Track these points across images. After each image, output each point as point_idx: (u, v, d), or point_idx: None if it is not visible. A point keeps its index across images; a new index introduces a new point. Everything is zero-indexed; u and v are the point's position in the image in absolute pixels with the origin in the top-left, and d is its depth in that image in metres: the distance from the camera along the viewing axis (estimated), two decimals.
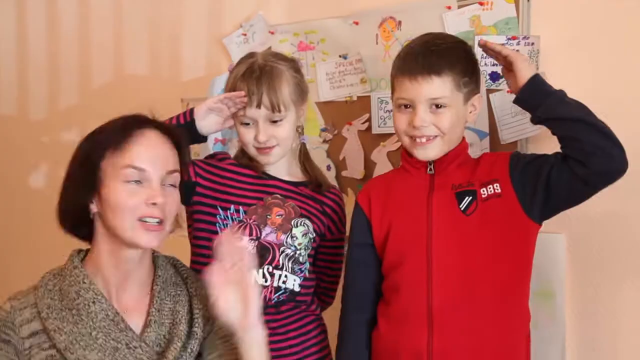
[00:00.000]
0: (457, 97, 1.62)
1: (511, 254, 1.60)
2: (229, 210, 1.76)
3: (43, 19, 3.12)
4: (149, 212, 1.38)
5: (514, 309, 1.62)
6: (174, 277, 1.51)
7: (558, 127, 1.55)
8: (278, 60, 1.78)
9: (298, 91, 1.77)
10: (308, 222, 1.79)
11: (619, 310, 1.82)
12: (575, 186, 1.53)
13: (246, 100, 1.71)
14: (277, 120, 1.74)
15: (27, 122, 3.20)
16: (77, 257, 1.45)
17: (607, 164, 1.49)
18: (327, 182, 1.90)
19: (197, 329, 1.44)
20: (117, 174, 1.38)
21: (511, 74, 1.63)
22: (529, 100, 1.58)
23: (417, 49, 1.64)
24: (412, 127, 1.61)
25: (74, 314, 1.37)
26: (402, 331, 1.63)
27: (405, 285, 1.64)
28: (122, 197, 1.37)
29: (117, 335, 1.37)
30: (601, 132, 1.49)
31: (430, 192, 1.66)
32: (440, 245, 1.61)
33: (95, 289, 1.39)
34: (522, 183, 1.59)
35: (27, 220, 3.20)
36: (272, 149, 1.75)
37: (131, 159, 1.38)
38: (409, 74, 1.61)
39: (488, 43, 1.65)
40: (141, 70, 2.80)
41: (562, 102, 1.54)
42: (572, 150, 1.51)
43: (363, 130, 2.20)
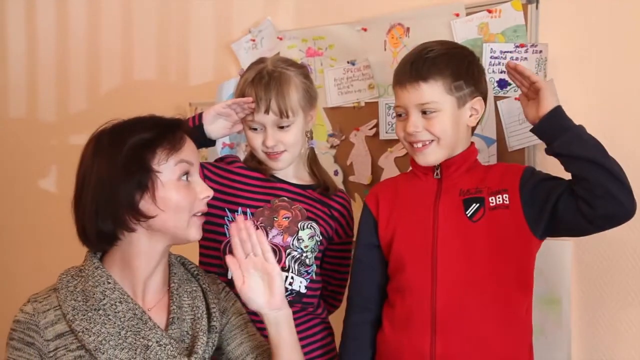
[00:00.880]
0: (449, 101, 1.62)
1: (512, 264, 1.61)
2: (236, 213, 1.78)
3: (53, 25, 3.14)
4: (202, 207, 1.46)
5: (515, 318, 1.62)
6: (186, 274, 1.54)
7: (571, 164, 1.54)
8: (287, 66, 1.79)
9: (307, 97, 1.79)
10: (315, 225, 1.80)
11: (624, 317, 1.82)
12: (579, 222, 1.52)
13: (254, 106, 1.73)
14: (285, 126, 1.75)
15: (37, 125, 3.22)
16: (95, 257, 1.45)
17: (613, 208, 1.48)
18: (334, 185, 1.90)
19: (216, 322, 1.48)
20: (173, 170, 1.40)
21: (531, 102, 1.62)
22: (547, 132, 1.57)
23: (409, 58, 1.68)
24: (407, 133, 1.64)
25: (101, 315, 1.37)
26: (405, 334, 1.64)
27: (410, 288, 1.65)
28: (183, 196, 1.41)
29: (146, 334, 1.38)
30: (613, 176, 1.48)
31: (437, 197, 1.67)
32: (445, 250, 1.62)
33: (120, 288, 1.41)
34: (530, 199, 1.59)
35: (35, 222, 3.21)
36: (281, 155, 1.76)
37: (185, 154, 1.42)
38: (399, 83, 1.65)
39: (519, 66, 1.63)
40: (150, 75, 2.82)
41: (579, 139, 1.52)
42: (581, 189, 1.50)
43: (370, 136, 2.21)
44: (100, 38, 2.97)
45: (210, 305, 1.49)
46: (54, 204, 3.04)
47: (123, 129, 1.41)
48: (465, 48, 1.73)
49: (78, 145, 1.47)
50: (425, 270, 1.63)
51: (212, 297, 1.51)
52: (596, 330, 1.86)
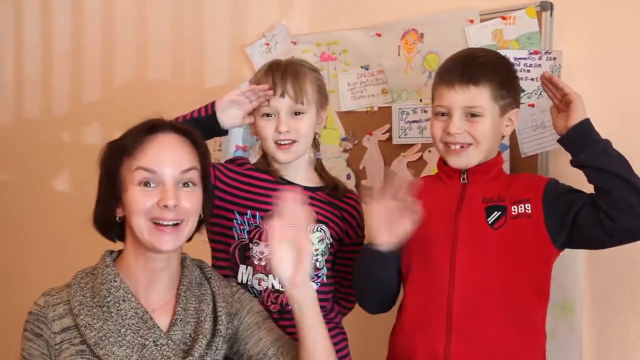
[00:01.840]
0: (493, 108, 1.64)
1: (531, 273, 1.62)
2: (245, 215, 1.78)
3: (67, 26, 3.16)
4: (161, 214, 1.42)
5: (530, 327, 1.63)
6: (199, 278, 1.55)
7: (595, 176, 1.56)
8: (302, 62, 1.84)
9: (320, 93, 1.81)
10: (325, 227, 1.81)
11: (636, 324, 1.82)
12: (598, 234, 1.54)
13: (270, 94, 1.74)
14: (299, 113, 1.76)
15: (50, 124, 3.24)
16: (109, 257, 1.49)
17: (634, 223, 1.50)
18: (344, 186, 1.91)
19: (221, 326, 1.48)
20: (132, 177, 1.43)
21: (561, 114, 1.64)
22: (574, 143, 1.60)
23: (458, 59, 1.68)
24: (447, 134, 1.64)
25: (105, 311, 1.41)
26: (420, 336, 1.65)
27: (427, 291, 1.66)
28: (136, 199, 1.42)
29: (144, 333, 1.40)
30: (636, 190, 1.50)
31: (461, 202, 1.68)
32: (464, 255, 1.63)
33: (125, 287, 1.43)
34: (552, 210, 1.61)
35: (51, 222, 3.23)
36: (292, 145, 1.76)
37: (141, 162, 1.43)
38: (447, 82, 1.64)
39: (554, 78, 1.66)
40: (164, 77, 2.83)
41: (605, 152, 1.55)
42: (603, 202, 1.52)
43: (383, 141, 2.22)
44: (115, 39, 2.99)
45: (218, 309, 1.50)
46: (69, 203, 3.08)
47: (120, 136, 1.50)
48: (508, 59, 1.75)
49: (91, 145, 1.50)
50: (443, 274, 1.64)
51: (221, 301, 1.51)
52: (608, 337, 1.86)
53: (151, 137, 1.45)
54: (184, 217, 1.45)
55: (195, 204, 1.47)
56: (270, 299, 1.75)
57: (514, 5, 1.96)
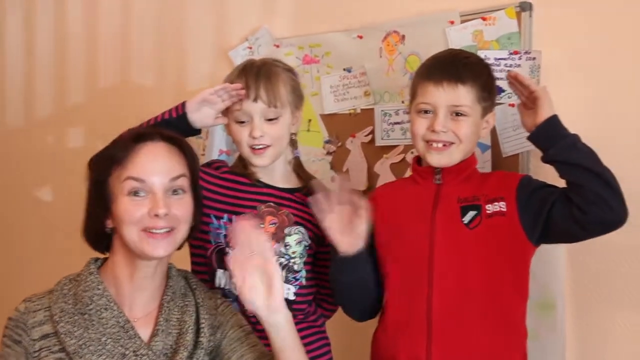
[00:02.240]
0: (477, 109, 1.65)
1: (508, 271, 1.63)
2: (222, 219, 1.77)
3: (51, 32, 3.15)
4: (152, 224, 1.41)
5: (509, 324, 1.64)
6: (184, 289, 1.53)
7: (565, 171, 1.57)
8: (276, 62, 1.82)
9: (294, 94, 1.79)
10: (303, 229, 1.79)
11: (619, 321, 1.83)
12: (572, 227, 1.55)
13: (242, 93, 1.72)
14: (272, 118, 1.74)
15: (34, 130, 3.23)
16: (94, 264, 1.48)
17: (606, 214, 1.51)
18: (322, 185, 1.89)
19: (203, 338, 1.46)
20: (121, 187, 1.42)
21: (529, 111, 1.65)
22: (543, 139, 1.61)
23: (445, 58, 1.69)
24: (431, 131, 1.64)
25: (86, 319, 1.39)
26: (401, 340, 1.65)
27: (406, 294, 1.66)
28: (126, 210, 1.41)
29: (125, 342, 1.39)
30: (606, 183, 1.51)
31: (435, 203, 1.68)
32: (442, 256, 1.63)
33: (108, 296, 1.42)
34: (526, 207, 1.61)
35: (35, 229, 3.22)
36: (266, 150, 1.75)
37: (130, 172, 1.41)
38: (434, 79, 1.64)
39: (519, 76, 1.67)
40: (147, 81, 2.83)
41: (574, 147, 1.56)
42: (575, 196, 1.53)
43: (366, 143, 2.23)
44: (98, 44, 2.99)
45: (201, 321, 1.48)
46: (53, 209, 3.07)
47: (106, 146, 1.49)
48: (488, 63, 1.76)
49: (74, 150, 1.50)
50: (421, 276, 1.64)
51: (204, 313, 1.50)
52: (590, 334, 1.87)
53: (139, 146, 1.44)
54: (175, 224, 1.44)
55: (186, 211, 1.46)
56: None
57: (493, 6, 1.98)
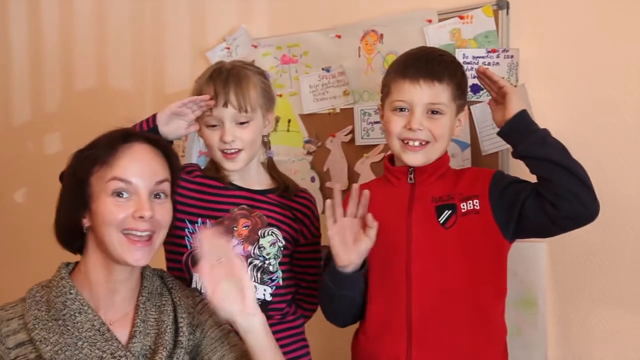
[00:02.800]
0: (452, 107, 1.64)
1: (486, 269, 1.62)
2: (196, 224, 1.76)
3: (26, 34, 3.12)
4: (135, 225, 1.40)
5: (489, 321, 1.63)
6: (160, 288, 1.52)
7: (535, 166, 1.56)
8: (245, 65, 1.80)
9: (265, 96, 1.78)
10: (276, 230, 1.78)
11: (598, 316, 1.85)
12: (544, 222, 1.54)
13: (212, 104, 1.71)
14: (244, 122, 1.73)
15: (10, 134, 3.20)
16: (65, 269, 1.46)
17: (576, 209, 1.50)
18: (295, 185, 1.88)
19: (183, 337, 1.45)
20: (104, 187, 1.40)
21: (499, 107, 1.64)
22: (511, 135, 1.60)
23: (421, 55, 1.67)
24: (408, 129, 1.62)
25: (60, 325, 1.37)
26: (382, 342, 1.64)
27: (385, 296, 1.65)
28: (109, 210, 1.39)
29: (102, 345, 1.37)
30: (576, 177, 1.50)
31: (410, 204, 1.67)
32: (420, 257, 1.63)
33: (81, 299, 1.40)
34: (499, 203, 1.61)
35: (11, 235, 3.19)
36: (238, 154, 1.74)
37: (117, 172, 1.40)
38: (410, 77, 1.62)
39: (487, 71, 1.66)
40: (125, 84, 2.81)
41: (543, 142, 1.55)
42: (545, 191, 1.52)
43: (346, 142, 2.22)
44: (75, 46, 2.96)
45: (179, 320, 1.47)
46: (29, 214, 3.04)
47: (90, 143, 1.46)
48: (458, 60, 1.75)
49: (52, 155, 1.48)
50: (399, 278, 1.63)
51: (182, 312, 1.48)
52: (571, 330, 1.88)
53: (125, 147, 1.43)
54: (156, 229, 1.43)
55: (167, 216, 1.46)
56: None
57: (471, 4, 1.99)
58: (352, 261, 1.61)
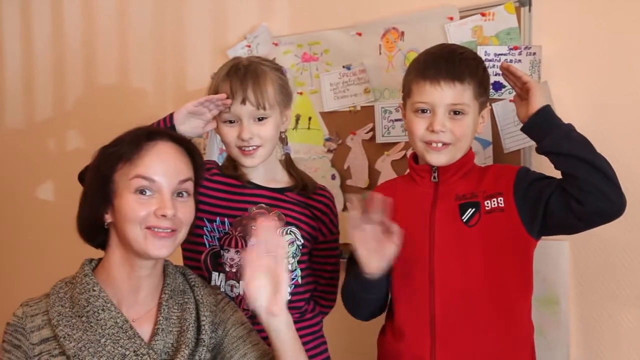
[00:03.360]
0: (474, 106, 1.63)
1: (511, 267, 1.61)
2: (215, 223, 1.76)
3: (51, 31, 3.15)
4: (157, 223, 1.41)
5: (515, 321, 1.62)
6: (182, 285, 1.53)
7: (559, 161, 1.55)
8: (263, 61, 1.79)
9: (283, 92, 1.77)
10: (295, 229, 1.78)
11: (622, 315, 1.83)
12: (569, 219, 1.53)
13: (229, 103, 1.70)
14: (262, 119, 1.72)
15: (33, 132, 3.23)
16: (88, 265, 1.47)
17: (602, 205, 1.48)
18: (313, 182, 1.87)
19: (205, 335, 1.45)
20: (128, 185, 1.41)
21: (523, 102, 1.63)
22: (535, 130, 1.58)
23: (440, 54, 1.65)
24: (430, 131, 1.61)
25: (84, 321, 1.39)
26: (405, 342, 1.64)
27: (408, 294, 1.65)
28: (132, 208, 1.40)
29: (124, 343, 1.38)
30: (601, 173, 1.49)
31: (434, 202, 1.66)
32: (442, 256, 1.62)
33: (105, 296, 1.41)
34: (524, 200, 1.59)
35: (35, 230, 3.22)
36: (256, 150, 1.73)
37: (141, 170, 1.41)
38: (431, 78, 1.60)
39: (511, 67, 1.65)
40: (146, 82, 2.82)
41: (567, 137, 1.54)
42: (570, 187, 1.51)
43: (367, 140, 2.22)
44: (97, 45, 2.98)
45: (201, 318, 1.47)
46: (53, 211, 3.06)
47: (115, 139, 1.47)
48: (480, 57, 1.73)
49: (73, 152, 1.48)
50: (422, 277, 1.63)
51: (205, 310, 1.49)
52: (594, 329, 1.87)
53: (150, 145, 1.43)
54: (178, 227, 1.44)
55: (189, 214, 1.47)
56: (242, 306, 1.72)
57: (492, 1, 1.98)
58: (380, 268, 1.60)
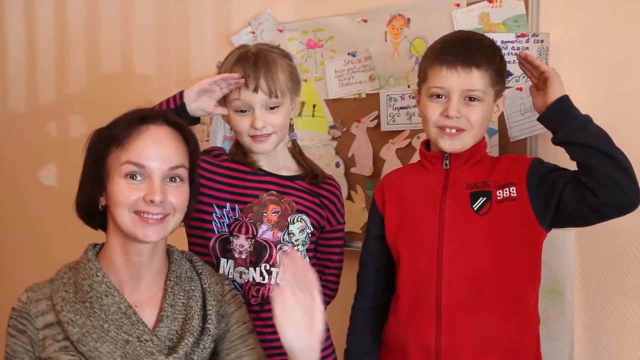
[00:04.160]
0: (490, 93, 1.62)
1: (520, 257, 1.61)
2: (224, 209, 1.76)
3: (52, 18, 3.13)
4: (146, 208, 1.40)
5: (522, 311, 1.62)
6: (189, 272, 1.52)
7: (576, 152, 1.54)
8: (271, 49, 1.79)
9: (293, 80, 1.77)
10: (305, 217, 1.78)
11: (627, 307, 1.82)
12: (584, 211, 1.52)
13: (242, 82, 1.70)
14: (274, 107, 1.73)
15: (36, 117, 3.22)
16: (92, 250, 1.47)
17: (617, 197, 1.47)
18: (322, 172, 1.88)
19: (210, 325, 1.45)
20: (119, 169, 1.40)
21: (540, 92, 1.62)
22: (552, 120, 1.57)
23: (458, 40, 1.64)
24: (445, 116, 1.60)
25: (87, 307, 1.39)
26: (411, 327, 1.64)
27: (415, 282, 1.65)
28: (122, 192, 1.40)
29: (128, 329, 1.38)
30: (617, 165, 1.48)
31: (445, 190, 1.66)
32: (451, 244, 1.62)
33: (108, 282, 1.41)
34: (537, 191, 1.58)
35: (37, 216, 3.21)
36: (269, 137, 1.74)
37: (131, 155, 1.40)
38: (447, 63, 1.59)
39: (529, 57, 1.64)
40: (150, 68, 2.81)
41: (584, 127, 1.53)
42: (586, 178, 1.50)
43: (372, 128, 2.20)
44: (100, 31, 2.97)
45: (207, 307, 1.47)
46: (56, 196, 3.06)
47: (110, 123, 1.46)
48: (497, 44, 1.72)
49: (76, 138, 1.48)
50: (430, 264, 1.62)
51: (211, 299, 1.48)
52: (599, 320, 1.86)
53: (142, 129, 1.42)
54: (170, 211, 1.43)
55: (182, 199, 1.45)
56: (251, 292, 1.74)
57: None
58: None
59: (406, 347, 1.64)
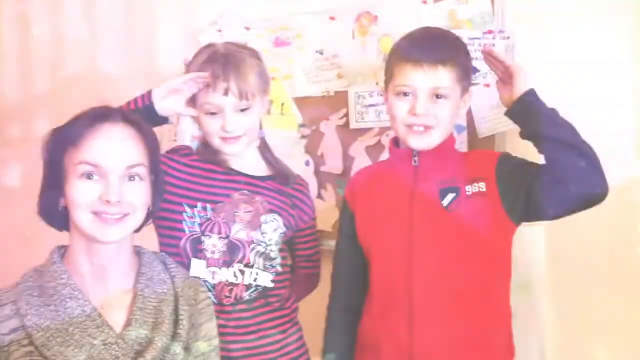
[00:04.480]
0: (457, 90, 1.62)
1: (490, 252, 1.61)
2: (195, 208, 1.73)
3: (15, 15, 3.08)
4: (104, 208, 1.37)
5: (493, 307, 1.62)
6: (162, 274, 1.49)
7: (543, 146, 1.54)
8: (240, 48, 1.77)
9: (263, 79, 1.75)
10: (278, 217, 1.77)
11: (596, 301, 1.84)
12: (552, 204, 1.52)
13: (209, 81, 1.67)
14: (245, 109, 1.70)
15: None
16: (57, 253, 1.44)
17: (585, 189, 1.48)
18: (293, 173, 1.87)
19: (182, 330, 1.42)
20: (74, 169, 1.37)
21: (506, 87, 1.63)
22: (520, 115, 1.58)
23: (423, 37, 1.64)
24: (412, 115, 1.60)
25: (52, 310, 1.35)
26: (384, 324, 1.64)
27: (387, 278, 1.64)
28: (79, 193, 1.37)
29: (93, 332, 1.35)
30: (584, 157, 1.48)
31: (414, 186, 1.65)
32: (421, 240, 1.61)
33: (72, 284, 1.38)
34: (506, 186, 1.59)
35: None
36: (239, 139, 1.72)
37: (85, 155, 1.37)
38: (413, 61, 1.59)
39: (493, 52, 1.64)
40: (117, 67, 2.77)
41: (551, 121, 1.53)
42: (554, 171, 1.50)
43: (341, 125, 2.20)
44: (65, 29, 2.92)
45: (179, 311, 1.44)
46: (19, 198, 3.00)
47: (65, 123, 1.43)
48: (462, 39, 1.72)
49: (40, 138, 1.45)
50: (401, 261, 1.62)
51: (184, 303, 1.45)
52: (569, 315, 1.88)
53: (97, 128, 1.38)
54: (130, 210, 1.40)
55: (141, 197, 1.42)
56: (224, 292, 1.71)
57: None
58: None
59: (379, 344, 1.64)
